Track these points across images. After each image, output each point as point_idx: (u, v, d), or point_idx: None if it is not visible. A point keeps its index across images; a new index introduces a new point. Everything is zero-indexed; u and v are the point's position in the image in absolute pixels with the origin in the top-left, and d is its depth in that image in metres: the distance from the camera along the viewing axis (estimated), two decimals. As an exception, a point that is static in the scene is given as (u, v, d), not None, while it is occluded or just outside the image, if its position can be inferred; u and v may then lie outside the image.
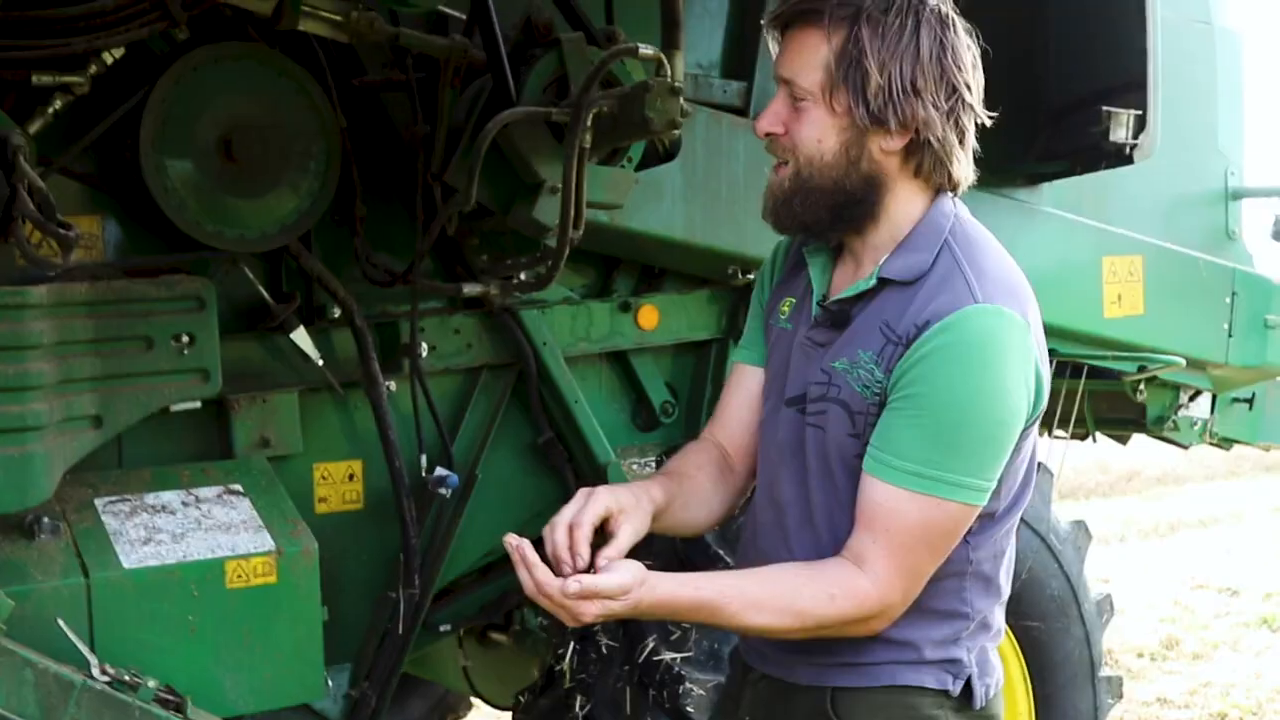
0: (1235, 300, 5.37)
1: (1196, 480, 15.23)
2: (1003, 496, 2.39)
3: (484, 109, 3.30)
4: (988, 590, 2.47)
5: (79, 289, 3.01)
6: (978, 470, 2.26)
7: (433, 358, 3.74)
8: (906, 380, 2.25)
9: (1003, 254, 2.39)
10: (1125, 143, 4.25)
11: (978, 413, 2.24)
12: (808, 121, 2.33)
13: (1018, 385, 2.25)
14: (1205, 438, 5.83)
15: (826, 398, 2.37)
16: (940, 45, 2.29)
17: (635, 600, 2.21)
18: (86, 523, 3.05)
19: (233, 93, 3.24)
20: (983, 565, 2.44)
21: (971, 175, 2.40)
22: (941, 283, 2.29)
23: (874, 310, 2.35)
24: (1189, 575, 10.19)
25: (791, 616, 2.29)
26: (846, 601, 2.28)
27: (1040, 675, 4.18)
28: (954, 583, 2.40)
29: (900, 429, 2.26)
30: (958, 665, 2.44)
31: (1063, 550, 4.17)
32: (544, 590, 2.18)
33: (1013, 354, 2.24)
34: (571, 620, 2.21)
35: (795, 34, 2.36)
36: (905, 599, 2.33)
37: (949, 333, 2.22)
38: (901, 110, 2.28)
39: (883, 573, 2.28)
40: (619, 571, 2.21)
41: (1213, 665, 8.06)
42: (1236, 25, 5.63)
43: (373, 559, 3.78)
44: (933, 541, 2.30)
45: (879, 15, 2.27)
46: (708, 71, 4.26)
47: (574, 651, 3.43)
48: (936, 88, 2.29)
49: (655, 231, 3.84)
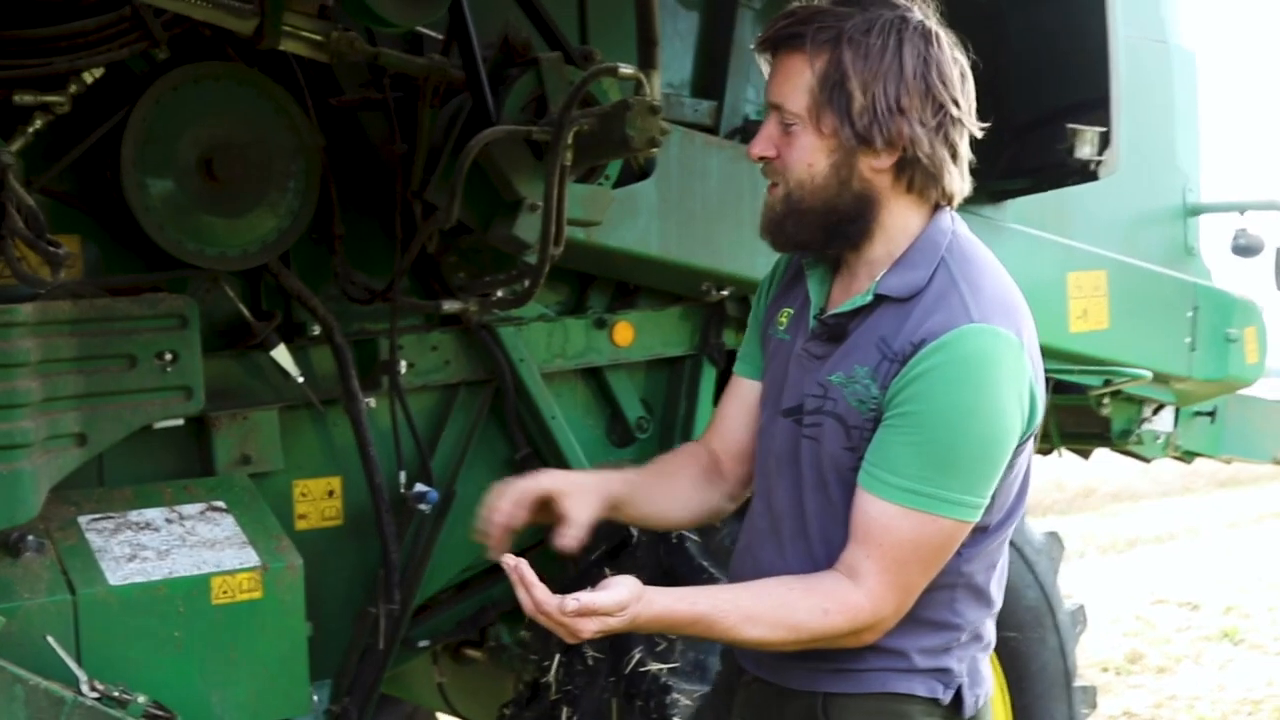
0: (1197, 314, 5.45)
1: (1152, 496, 15.35)
2: (995, 511, 2.40)
3: (463, 128, 3.33)
4: (979, 601, 2.49)
5: (63, 307, 3.02)
6: (972, 488, 2.29)
7: (411, 374, 3.77)
8: (902, 398, 2.28)
9: (999, 271, 2.41)
10: (1090, 159, 4.30)
11: (972, 432, 2.26)
12: (798, 145, 2.35)
13: (1011, 404, 2.27)
14: (1168, 451, 5.90)
15: (822, 411, 2.39)
16: (924, 62, 2.31)
17: (633, 615, 2.23)
18: (71, 540, 3.06)
19: (213, 112, 3.26)
20: (975, 577, 2.46)
21: (967, 188, 2.41)
22: (938, 300, 2.31)
23: (870, 326, 2.37)
24: (1149, 590, 10.26)
25: (786, 630, 2.31)
26: (840, 616, 2.30)
27: (1018, 685, 4.22)
28: (945, 594, 2.42)
29: (896, 446, 2.29)
30: (948, 674, 2.46)
31: (1037, 561, 4.21)
32: (543, 609, 2.19)
33: (1007, 373, 2.27)
34: (570, 637, 2.23)
35: (781, 58, 2.38)
36: (897, 613, 2.35)
37: (944, 352, 2.24)
38: (887, 129, 2.29)
39: (876, 587, 2.30)
40: (616, 588, 2.23)
41: (1176, 678, 8.12)
42: (1191, 44, 5.72)
43: (352, 575, 3.79)
44: (926, 557, 2.32)
45: (860, 36, 2.29)
46: (679, 90, 4.30)
47: (560, 663, 3.45)
48: (922, 104, 2.30)
49: (630, 248, 3.86)
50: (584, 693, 3.39)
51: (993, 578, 2.51)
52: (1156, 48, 5.50)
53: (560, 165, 3.11)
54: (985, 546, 2.44)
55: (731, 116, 4.36)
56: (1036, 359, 2.36)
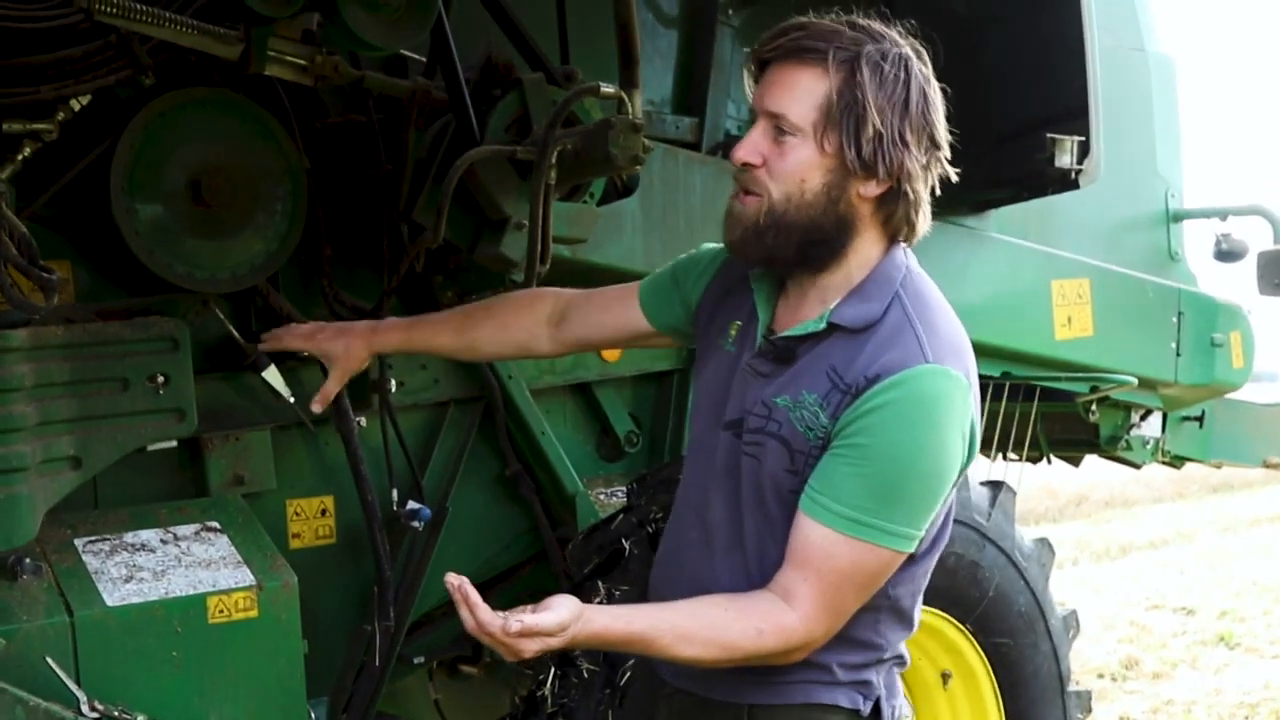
0: (1182, 320, 5.49)
1: (1145, 503, 15.42)
2: (924, 541, 2.46)
3: (448, 148, 3.36)
4: (901, 624, 2.57)
5: (55, 332, 3.05)
6: (912, 520, 2.35)
7: (401, 393, 3.80)
8: (853, 429, 2.31)
9: (949, 310, 2.46)
10: (1070, 168, 4.34)
11: (920, 468, 2.32)
12: (793, 158, 2.36)
13: (956, 443, 2.34)
14: (1157, 456, 5.94)
15: (765, 431, 2.42)
16: (924, 98, 2.35)
17: (572, 635, 2.28)
18: (68, 562, 3.08)
19: (200, 137, 3.29)
20: (900, 601, 2.53)
21: (927, 227, 2.47)
22: (892, 336, 2.35)
23: (820, 353, 2.40)
24: (1144, 596, 10.30)
25: (719, 649, 2.36)
26: (773, 637, 2.36)
27: (1011, 691, 4.25)
28: (871, 615, 2.48)
29: (842, 475, 2.33)
30: (868, 687, 2.54)
31: (1028, 567, 4.24)
32: (486, 629, 2.23)
33: (955, 414, 2.33)
34: (511, 656, 2.27)
35: (787, 69, 2.38)
36: (827, 634, 2.41)
37: (899, 389, 2.29)
38: (890, 159, 2.32)
39: (810, 610, 2.35)
40: (558, 609, 2.26)
41: (1173, 684, 8.16)
42: (1169, 51, 5.76)
43: (347, 593, 3.82)
44: (860, 583, 2.38)
45: (878, 62, 2.31)
46: (660, 108, 4.35)
47: (555, 676, 3.48)
48: (919, 139, 2.35)
49: (616, 264, 3.90)
50: (580, 705, 3.41)
51: (916, 602, 2.59)
52: (1135, 55, 5.54)
53: (545, 184, 3.15)
54: (912, 574, 2.51)
55: (713, 132, 4.41)
56: (978, 398, 2.41)
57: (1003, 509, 4.16)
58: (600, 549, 3.65)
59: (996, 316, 4.85)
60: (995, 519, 4.11)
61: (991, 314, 4.83)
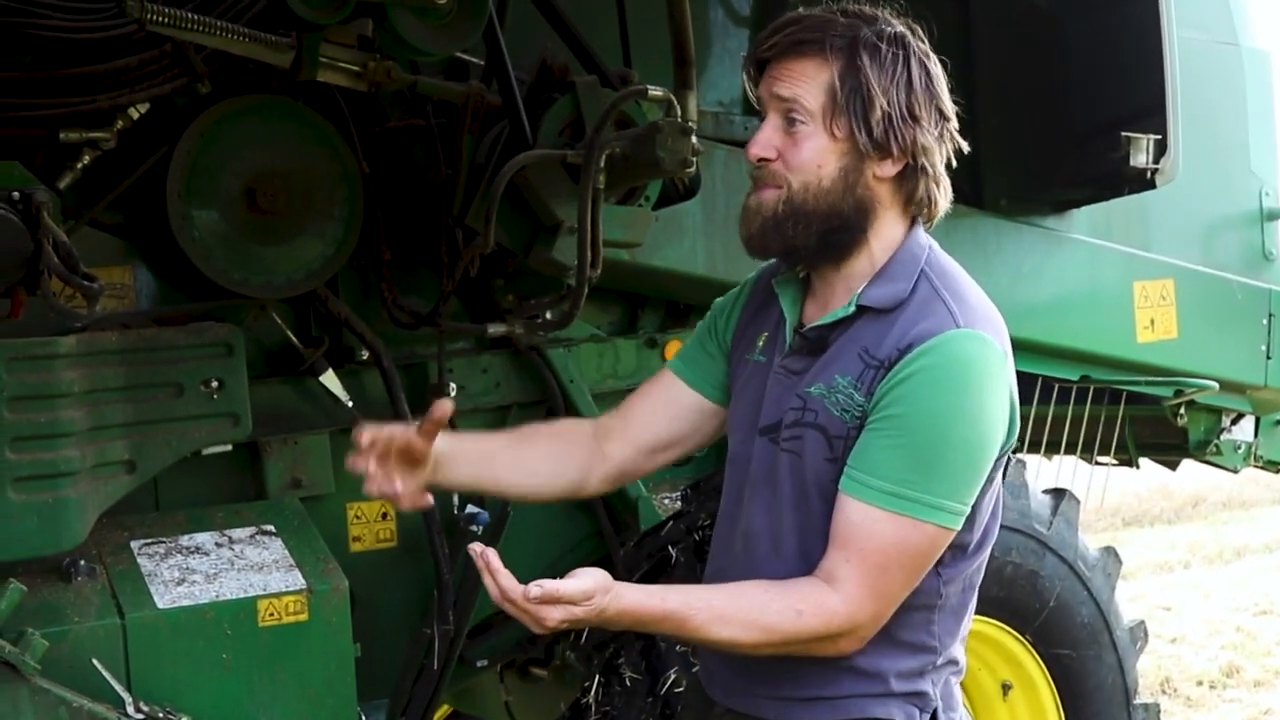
0: (1273, 321, 5.36)
1: (1264, 504, 15.05)
2: (975, 528, 2.39)
3: (501, 152, 3.37)
4: (956, 627, 2.48)
5: (109, 337, 3.10)
6: (955, 493, 2.27)
7: (462, 397, 3.81)
8: (888, 400, 2.26)
9: (976, 285, 2.41)
10: (1146, 167, 4.26)
11: (958, 435, 2.25)
12: (806, 146, 2.34)
13: (996, 411, 2.28)
14: (1251, 460, 5.81)
15: (802, 423, 2.37)
16: (927, 74, 2.34)
17: (600, 607, 2.20)
18: (122, 565, 3.13)
19: (256, 143, 3.33)
20: (951, 599, 2.44)
21: (948, 204, 2.44)
22: (922, 308, 2.31)
23: (851, 337, 2.36)
24: (1253, 601, 10.06)
25: (758, 631, 2.28)
26: (814, 618, 2.27)
27: (1073, 703, 4.18)
28: (923, 615, 2.40)
29: (879, 449, 2.27)
30: (924, 699, 2.44)
31: (1091, 577, 4.16)
32: (508, 595, 2.17)
33: (993, 380, 2.27)
34: (536, 626, 2.20)
35: (788, 64, 2.36)
36: (875, 621, 2.32)
37: (932, 355, 2.24)
38: (902, 136, 2.30)
39: (853, 592, 2.27)
40: (582, 578, 2.20)
41: (1274, 693, 7.95)
42: (1264, 45, 5.63)
43: (407, 596, 3.84)
44: (906, 563, 2.30)
45: (876, 44, 2.30)
46: (729, 109, 4.32)
47: (599, 684, 3.47)
48: (929, 113, 2.33)
49: (677, 268, 3.89)
50: (623, 713, 3.41)
51: (970, 602, 2.50)
52: (1228, 50, 5.42)
53: (593, 188, 3.14)
54: (964, 568, 2.42)
55: (783, 134, 4.37)
56: (1013, 373, 2.36)
57: (1065, 517, 4.09)
58: (650, 556, 3.64)
59: (1075, 318, 4.78)
60: (1057, 527, 4.04)
61: (1069, 316, 4.76)
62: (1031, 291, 4.71)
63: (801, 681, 2.40)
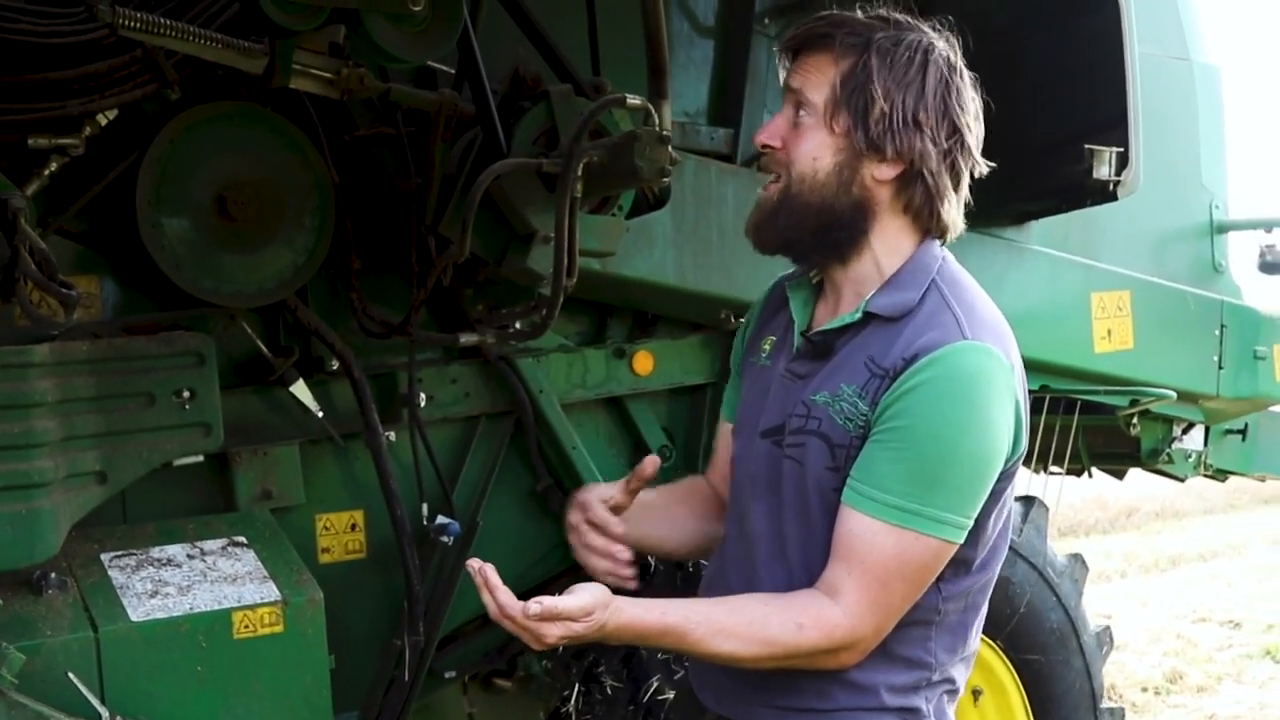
0: (1224, 332, 5.42)
1: (1195, 514, 15.24)
2: (980, 545, 2.39)
3: (475, 161, 3.35)
4: (954, 645, 2.47)
5: (80, 347, 3.05)
6: (958, 506, 2.27)
7: (431, 407, 3.79)
8: (892, 413, 2.26)
9: (987, 298, 2.42)
10: (1108, 179, 4.29)
11: (962, 448, 2.25)
12: (806, 138, 2.37)
13: (1001, 424, 2.27)
14: (1200, 470, 5.87)
15: (805, 430, 2.37)
16: (945, 85, 2.34)
17: (599, 623, 2.21)
18: (93, 577, 3.08)
19: (226, 151, 3.30)
20: (950, 617, 2.43)
21: (961, 224, 2.42)
22: (930, 318, 2.31)
23: (858, 345, 2.36)
24: (1191, 609, 10.18)
25: (759, 644, 2.29)
26: (815, 632, 2.28)
27: (1042, 708, 4.20)
28: (921, 630, 2.40)
29: (883, 462, 2.27)
30: (916, 715, 2.44)
31: (1060, 583, 4.20)
32: (506, 612, 2.18)
33: (998, 393, 2.26)
34: (535, 643, 2.21)
35: (804, 55, 2.41)
36: (877, 634, 2.32)
37: (937, 366, 2.24)
38: (900, 139, 2.31)
39: (855, 605, 2.27)
40: (581, 594, 2.21)
41: (1217, 698, 8.06)
42: (1215, 60, 5.70)
43: (377, 607, 3.81)
44: (908, 577, 2.29)
45: (889, 47, 2.32)
46: (695, 119, 4.32)
47: (579, 693, 3.46)
48: (938, 124, 2.33)
49: (647, 278, 3.88)
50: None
51: (972, 622, 2.49)
52: (1179, 65, 5.48)
53: (571, 197, 3.13)
54: (965, 586, 2.42)
55: (748, 144, 4.37)
56: (1024, 388, 2.35)
57: (1034, 525, 4.12)
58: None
59: (1035, 329, 4.80)
60: (1027, 534, 4.07)
61: (1029, 326, 4.76)
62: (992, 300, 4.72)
63: (797, 692, 2.40)
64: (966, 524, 2.29)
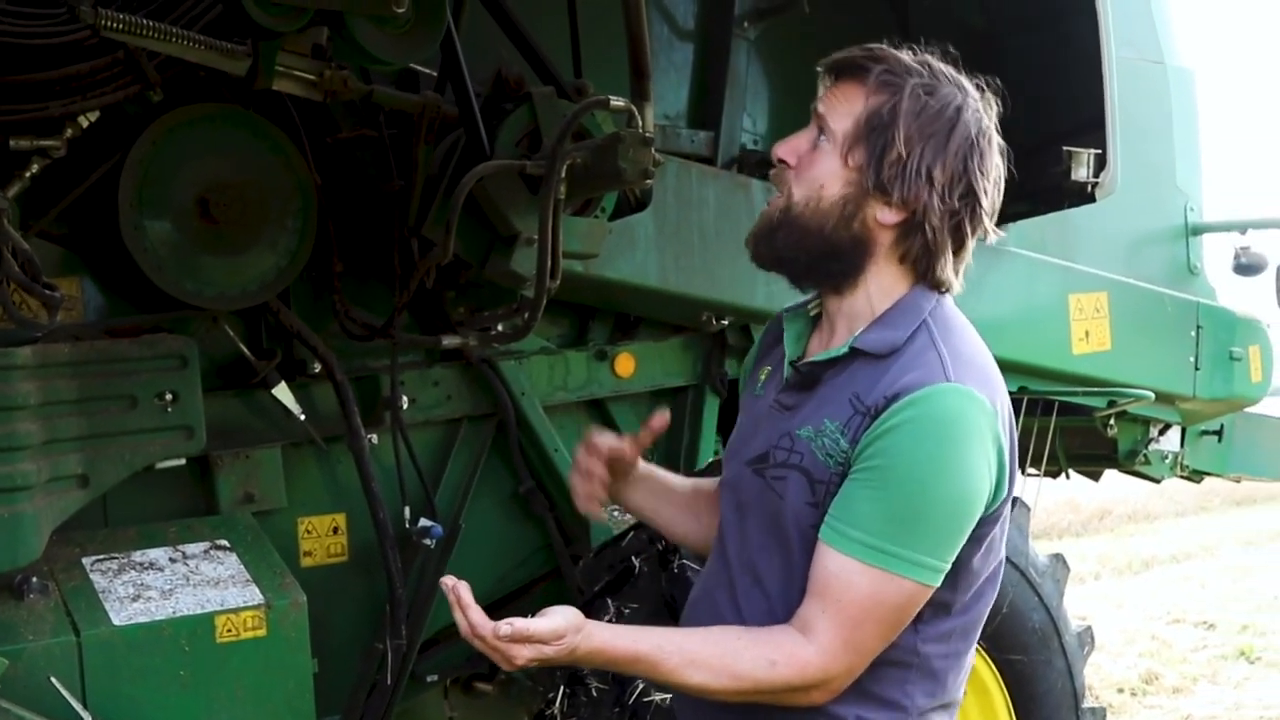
0: (1200, 334, 5.44)
1: (1168, 516, 15.32)
2: (960, 588, 2.34)
3: (458, 163, 3.34)
4: (934, 690, 2.41)
5: (62, 350, 3.04)
6: (935, 549, 2.23)
7: (413, 410, 3.79)
8: (871, 451, 2.23)
9: (978, 340, 2.38)
10: (1087, 181, 4.30)
11: (939, 490, 2.21)
12: (819, 164, 2.33)
13: (980, 467, 2.23)
14: (1176, 471, 5.89)
15: (788, 464, 2.35)
16: (970, 146, 2.29)
17: (570, 646, 2.18)
18: (75, 581, 3.07)
19: (209, 153, 3.30)
20: (932, 661, 2.38)
21: (958, 284, 2.40)
22: (915, 358, 2.27)
23: (844, 380, 2.33)
24: (1165, 610, 10.22)
25: (729, 678, 2.26)
26: (788, 669, 2.25)
27: (1024, 708, 4.20)
28: (898, 672, 2.36)
29: (860, 501, 2.24)
30: None
31: (1042, 583, 4.20)
32: (477, 631, 2.15)
33: (978, 436, 2.22)
34: (505, 663, 2.18)
35: (843, 82, 2.36)
36: (849, 673, 2.29)
37: (917, 407, 2.20)
38: (908, 188, 2.25)
39: (828, 644, 2.25)
40: (553, 617, 2.18)
41: (1193, 699, 8.08)
42: (1189, 63, 5.73)
43: (359, 611, 3.80)
44: (882, 617, 2.26)
45: (923, 96, 2.27)
46: (675, 122, 4.33)
47: (564, 695, 3.45)
48: (952, 183, 2.28)
49: (629, 280, 3.88)
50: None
51: (952, 668, 2.43)
52: (1153, 68, 5.50)
53: (554, 199, 3.12)
54: (944, 629, 2.37)
55: (729, 147, 4.39)
56: (1011, 430, 2.33)
57: (1017, 525, 4.12)
58: (611, 567, 3.62)
59: (1013, 331, 4.82)
60: (1009, 535, 4.06)
61: (1008, 328, 4.79)
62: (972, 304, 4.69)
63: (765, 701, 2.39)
64: (943, 567, 2.26)
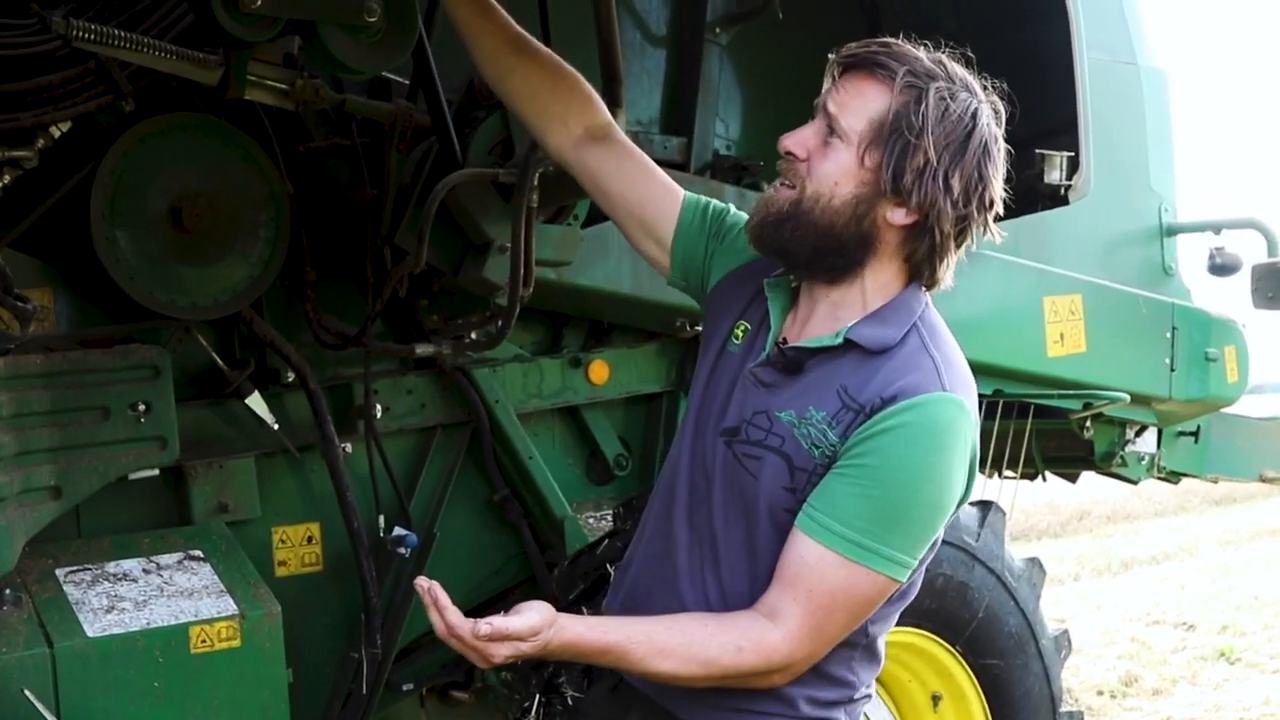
0: (1176, 335, 5.44)
1: (1146, 517, 15.38)
2: (913, 580, 2.45)
3: (430, 172, 3.34)
4: (873, 662, 2.53)
5: (34, 361, 3.03)
6: (909, 548, 2.32)
7: (387, 418, 3.78)
8: (862, 449, 2.28)
9: (958, 347, 2.44)
10: (1060, 184, 4.32)
11: (924, 494, 2.28)
12: (832, 160, 2.33)
13: (960, 476, 2.31)
14: (1153, 472, 5.90)
15: (765, 444, 2.38)
16: (985, 153, 2.31)
17: (544, 641, 2.23)
18: (48, 593, 3.05)
19: (181, 163, 3.29)
20: (876, 640, 2.50)
21: (950, 281, 2.44)
22: (909, 360, 2.32)
23: (831, 371, 2.36)
24: (1144, 611, 10.26)
25: (698, 665, 2.32)
26: (754, 655, 2.31)
27: (1001, 712, 4.21)
28: (846, 651, 2.45)
29: (845, 495, 2.29)
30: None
31: (1018, 588, 4.20)
32: (455, 631, 2.18)
33: (963, 446, 2.30)
34: (482, 661, 2.22)
35: (858, 78, 2.34)
36: (810, 659, 2.36)
37: (913, 412, 2.26)
38: (926, 193, 2.28)
39: (796, 631, 2.31)
40: (528, 613, 2.22)
41: (1172, 700, 8.11)
42: (1162, 64, 5.74)
43: (334, 620, 3.79)
44: (851, 608, 2.34)
45: (947, 99, 2.28)
46: (648, 128, 4.33)
47: (540, 704, 3.45)
48: (967, 189, 2.30)
49: (603, 287, 3.88)
50: (564, 732, 3.39)
51: (883, 639, 2.55)
52: (1126, 69, 5.51)
53: (527, 206, 3.13)
54: (890, 612, 2.48)
55: (701, 152, 4.39)
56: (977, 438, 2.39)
57: (992, 529, 4.13)
58: (585, 575, 3.63)
59: (988, 334, 4.82)
60: (985, 539, 4.08)
61: (983, 331, 4.79)
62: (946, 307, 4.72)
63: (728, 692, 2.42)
64: (913, 564, 2.35)
